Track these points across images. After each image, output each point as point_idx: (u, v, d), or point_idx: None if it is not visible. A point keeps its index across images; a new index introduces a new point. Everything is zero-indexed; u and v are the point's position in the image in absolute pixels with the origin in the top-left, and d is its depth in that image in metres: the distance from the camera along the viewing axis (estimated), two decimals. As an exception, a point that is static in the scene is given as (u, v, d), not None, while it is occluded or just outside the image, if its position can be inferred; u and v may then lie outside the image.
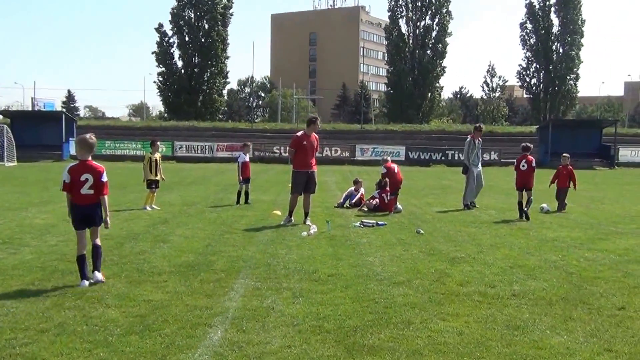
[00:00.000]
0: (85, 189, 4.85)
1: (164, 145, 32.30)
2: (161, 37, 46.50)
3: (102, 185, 4.91)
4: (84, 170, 4.87)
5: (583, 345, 3.60)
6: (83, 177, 4.85)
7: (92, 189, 4.86)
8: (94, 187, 4.87)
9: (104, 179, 4.93)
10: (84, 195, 4.86)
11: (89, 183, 4.85)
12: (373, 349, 3.50)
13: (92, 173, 4.88)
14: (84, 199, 4.87)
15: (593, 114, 71.12)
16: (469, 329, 3.88)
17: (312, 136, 8.80)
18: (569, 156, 11.32)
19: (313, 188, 8.81)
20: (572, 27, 48.75)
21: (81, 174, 4.85)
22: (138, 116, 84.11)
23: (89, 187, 4.85)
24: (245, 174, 11.26)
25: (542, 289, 4.94)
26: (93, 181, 4.87)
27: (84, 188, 4.85)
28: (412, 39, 49.09)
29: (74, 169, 4.88)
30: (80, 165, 4.90)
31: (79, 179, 4.84)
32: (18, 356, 3.34)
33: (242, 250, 6.48)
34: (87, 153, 4.94)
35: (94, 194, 4.88)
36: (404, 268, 5.67)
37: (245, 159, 11.42)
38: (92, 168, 4.90)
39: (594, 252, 6.61)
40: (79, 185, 4.84)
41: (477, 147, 10.85)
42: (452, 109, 74.09)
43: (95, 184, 4.88)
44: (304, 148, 8.62)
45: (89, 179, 4.85)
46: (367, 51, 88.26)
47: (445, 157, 31.54)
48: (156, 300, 4.48)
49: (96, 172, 4.90)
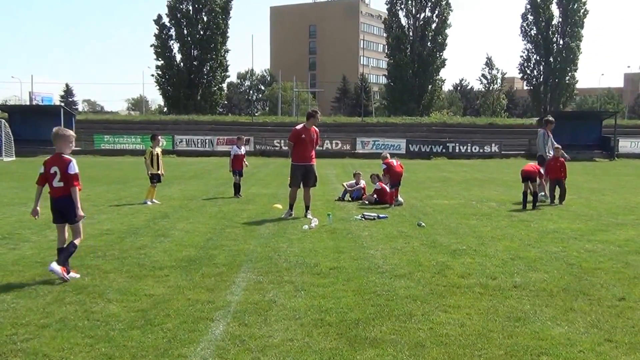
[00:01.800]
0: (55, 182, 4.82)
1: (165, 139, 32.34)
2: (160, 29, 46.19)
3: (70, 177, 4.80)
4: (54, 162, 4.84)
5: (584, 336, 3.61)
6: (52, 170, 4.82)
7: (61, 182, 4.81)
8: (63, 180, 4.81)
9: (71, 171, 4.80)
10: (56, 188, 4.83)
11: (58, 176, 4.80)
12: (375, 341, 3.51)
13: (60, 165, 4.80)
14: (55, 192, 4.85)
15: (593, 106, 70.88)
16: (470, 321, 3.89)
17: (312, 129, 8.76)
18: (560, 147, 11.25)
19: (312, 182, 8.78)
20: (573, 18, 48.41)
21: (51, 166, 4.84)
22: (137, 110, 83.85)
23: (58, 179, 4.81)
24: (235, 167, 11.26)
25: (542, 281, 4.94)
26: (61, 174, 4.80)
27: (54, 181, 4.82)
28: (412, 31, 48.78)
29: (47, 162, 4.88)
30: (52, 158, 4.89)
31: (50, 171, 4.83)
32: (19, 352, 3.34)
33: (244, 244, 6.48)
34: (62, 146, 4.87)
35: (64, 186, 4.82)
36: (405, 261, 5.68)
37: (237, 151, 11.41)
38: (60, 160, 4.83)
39: (595, 244, 6.61)
40: (50, 178, 4.83)
41: (550, 138, 11.24)
42: (453, 102, 73.82)
43: (64, 177, 4.79)
44: (303, 141, 8.60)
45: (57, 171, 4.81)
46: (367, 43, 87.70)
47: (446, 150, 31.47)
48: (158, 294, 4.49)
49: (63, 163, 4.81)
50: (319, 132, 9.02)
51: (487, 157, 30.50)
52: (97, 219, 8.30)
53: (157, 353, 3.33)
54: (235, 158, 11.37)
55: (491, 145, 31.68)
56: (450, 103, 70.40)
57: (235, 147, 11.56)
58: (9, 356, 3.29)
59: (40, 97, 57.00)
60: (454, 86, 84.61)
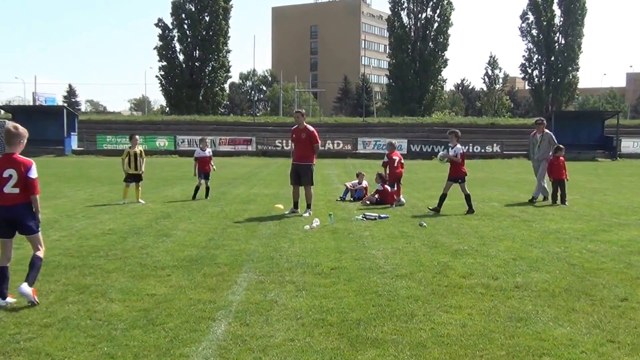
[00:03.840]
0: (8, 187, 4.10)
1: (167, 139, 32.39)
2: (162, 31, 46.30)
3: (31, 182, 4.15)
4: (7, 164, 4.13)
5: (586, 337, 3.60)
6: (7, 173, 4.10)
7: (17, 187, 4.12)
8: (19, 185, 4.12)
9: (32, 175, 4.16)
10: (8, 194, 4.11)
11: (13, 180, 4.11)
12: (376, 341, 3.51)
13: (17, 168, 4.13)
14: (7, 199, 4.11)
15: (595, 106, 70.69)
16: (472, 321, 3.88)
17: (302, 129, 8.98)
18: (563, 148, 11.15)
19: (303, 180, 8.95)
20: (574, 18, 48.31)
21: (4, 169, 4.11)
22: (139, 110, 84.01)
23: (13, 184, 4.10)
24: (202, 169, 10.92)
25: (544, 281, 4.93)
26: (18, 178, 4.12)
27: (7, 186, 4.11)
28: (414, 30, 48.76)
29: None
30: (3, 160, 4.16)
31: (2, 174, 4.11)
32: (22, 351, 3.35)
33: (245, 244, 6.49)
34: (12, 145, 4.18)
35: (20, 193, 4.12)
36: (406, 261, 5.67)
37: (201, 153, 11.06)
38: (16, 162, 4.14)
39: (597, 244, 6.59)
40: (2, 183, 4.11)
41: (539, 141, 10.98)
42: (454, 102, 73.74)
43: (22, 182, 4.12)
44: (294, 141, 9.20)
45: (12, 175, 4.11)
46: (369, 44, 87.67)
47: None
48: (159, 294, 4.50)
49: (21, 166, 4.13)
50: (312, 132, 9.04)
51: (489, 157, 30.46)
52: (99, 219, 8.32)
53: (159, 352, 3.34)
54: (199, 161, 10.96)
55: (493, 146, 31.64)
56: (452, 103, 70.30)
57: (199, 149, 11.18)
58: (12, 355, 3.30)
59: (44, 98, 57.09)
60: (456, 86, 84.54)
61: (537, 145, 11.01)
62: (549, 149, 10.88)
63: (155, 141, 32.33)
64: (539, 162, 10.98)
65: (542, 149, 10.91)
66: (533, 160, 11.35)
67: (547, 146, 10.89)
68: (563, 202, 10.41)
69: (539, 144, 10.96)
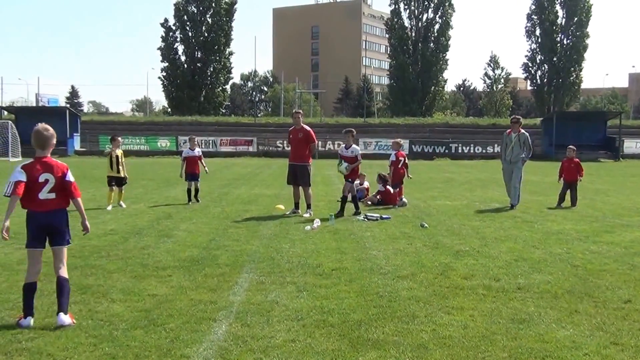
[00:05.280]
0: (44, 193, 3.83)
1: (168, 140, 32.43)
2: (166, 32, 46.39)
3: (70, 186, 3.91)
4: (43, 169, 3.85)
5: (589, 339, 3.58)
6: (42, 178, 3.83)
7: (53, 192, 3.87)
8: (55, 190, 3.87)
9: (70, 178, 3.92)
10: (43, 200, 3.84)
11: (49, 185, 3.84)
12: (377, 342, 3.50)
13: (53, 172, 3.87)
14: (43, 205, 3.84)
15: (597, 106, 70.55)
16: (474, 323, 3.87)
17: (299, 129, 9.04)
18: (575, 148, 10.85)
19: (301, 181, 8.97)
20: (577, 18, 48.25)
21: (40, 173, 3.83)
22: (141, 111, 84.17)
23: (49, 189, 3.85)
24: (190, 170, 10.22)
25: (547, 282, 4.91)
26: (55, 183, 3.86)
27: (43, 191, 3.83)
28: (415, 32, 48.76)
29: (29, 168, 3.83)
30: (38, 163, 3.86)
31: (38, 179, 3.82)
32: (24, 350, 3.35)
33: (246, 245, 6.48)
34: (46, 148, 3.90)
35: (56, 198, 3.88)
36: (408, 262, 5.66)
37: (190, 153, 10.37)
38: (52, 166, 3.88)
39: (600, 245, 6.57)
40: (37, 188, 3.82)
41: (513, 141, 9.80)
42: (456, 102, 73.70)
43: (58, 186, 3.87)
44: (291, 141, 9.25)
45: (49, 179, 3.85)
46: (369, 44, 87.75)
47: (448, 150, 31.39)
48: (161, 294, 4.49)
49: (58, 170, 3.88)
50: (309, 131, 9.08)
51: (490, 157, 30.37)
52: (101, 219, 8.33)
53: (160, 353, 3.33)
54: (187, 161, 10.25)
55: (494, 146, 31.52)
56: (453, 103, 70.26)
57: (187, 149, 10.52)
58: (14, 355, 3.30)
59: (47, 99, 57.27)
60: (457, 86, 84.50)
61: (510, 146, 9.85)
62: (522, 151, 9.77)
63: (156, 142, 32.38)
64: (513, 164, 9.80)
65: (515, 150, 9.78)
66: (504, 162, 10.04)
67: (521, 148, 9.76)
68: (573, 204, 10.04)
69: (512, 144, 9.80)
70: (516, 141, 9.80)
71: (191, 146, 10.55)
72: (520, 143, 9.79)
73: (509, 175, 9.99)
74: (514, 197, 9.87)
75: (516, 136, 9.83)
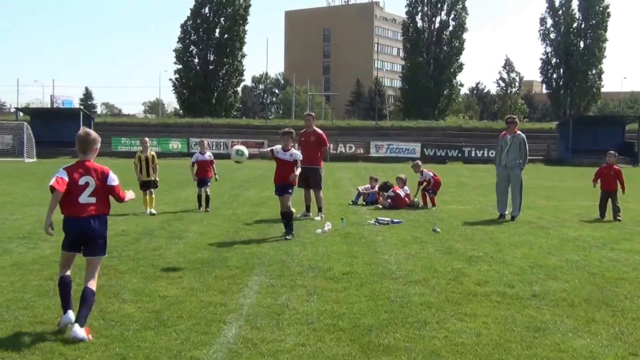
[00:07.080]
0: (84, 197, 3.65)
1: (180, 142, 32.75)
2: (183, 33, 46.94)
3: (113, 190, 3.75)
4: (85, 172, 3.68)
5: (607, 349, 3.49)
6: (83, 181, 3.66)
7: (93, 197, 3.68)
8: (96, 195, 3.69)
9: (112, 182, 3.74)
10: (83, 205, 3.65)
11: (90, 189, 3.67)
12: (388, 348, 3.45)
13: (93, 175, 3.69)
14: (82, 209, 3.64)
15: (615, 110, 69.26)
16: (487, 330, 3.79)
17: (311, 132, 9.05)
18: (616, 154, 9.47)
19: (312, 184, 8.96)
20: (595, 21, 47.50)
21: (81, 176, 3.66)
22: (153, 113, 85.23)
23: (89, 194, 3.67)
24: (200, 175, 9.62)
25: (563, 290, 4.80)
26: (95, 187, 3.68)
27: (83, 195, 3.65)
28: (428, 34, 48.56)
29: (71, 170, 3.68)
30: (80, 166, 3.71)
31: (78, 182, 3.64)
32: (36, 350, 3.38)
33: (257, 247, 6.48)
34: (87, 153, 3.76)
35: (96, 203, 3.69)
36: (420, 267, 5.59)
37: (199, 157, 9.76)
38: (92, 170, 3.71)
39: (618, 252, 6.41)
40: (77, 192, 3.63)
41: (508, 144, 8.92)
42: (469, 105, 73.07)
43: (99, 191, 3.69)
44: (302, 144, 9.13)
45: (89, 182, 3.67)
46: (382, 47, 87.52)
47: (462, 154, 31.12)
48: (171, 296, 4.50)
49: (100, 174, 3.71)
50: (321, 134, 9.09)
51: (504, 162, 29.89)
52: (113, 220, 8.32)
53: (170, 354, 3.33)
54: (198, 165, 9.70)
55: (508, 150, 31.09)
56: (466, 107, 69.66)
57: (198, 153, 9.89)
58: (26, 354, 3.33)
59: (61, 100, 58.30)
60: (470, 90, 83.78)
61: (505, 149, 8.90)
62: (519, 155, 8.85)
63: (168, 144, 32.75)
64: (510, 170, 8.89)
65: (511, 154, 8.83)
66: (499, 168, 9.04)
67: (518, 151, 8.85)
68: (615, 217, 8.86)
69: (508, 147, 8.86)
70: (512, 144, 8.85)
71: (201, 150, 9.94)
72: (516, 146, 8.83)
73: (504, 183, 8.98)
74: (515, 208, 8.88)
75: (511, 138, 8.88)
